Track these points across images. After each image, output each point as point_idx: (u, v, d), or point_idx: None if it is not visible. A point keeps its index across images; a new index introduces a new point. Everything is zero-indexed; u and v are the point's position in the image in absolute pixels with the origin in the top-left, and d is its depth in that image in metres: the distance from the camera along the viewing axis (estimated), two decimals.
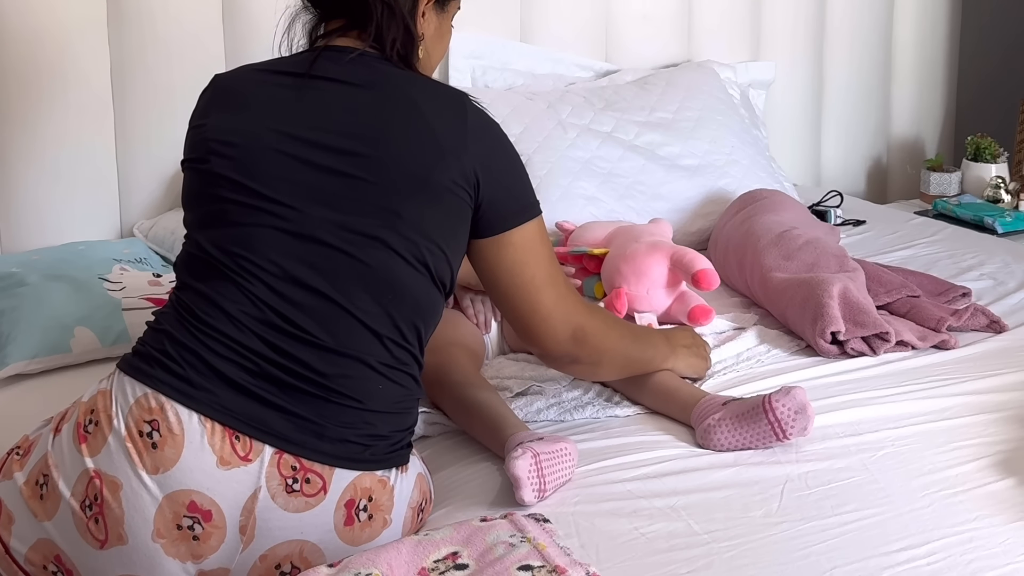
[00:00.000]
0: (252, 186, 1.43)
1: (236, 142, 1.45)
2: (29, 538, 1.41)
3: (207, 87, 1.55)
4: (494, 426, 1.68)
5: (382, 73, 1.50)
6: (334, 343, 1.41)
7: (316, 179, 1.43)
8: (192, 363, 1.38)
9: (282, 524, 1.38)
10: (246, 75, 1.55)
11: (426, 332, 1.51)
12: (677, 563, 1.40)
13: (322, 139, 1.44)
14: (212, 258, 1.42)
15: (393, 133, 1.45)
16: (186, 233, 1.50)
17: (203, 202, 1.47)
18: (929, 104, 3.76)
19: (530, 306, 1.56)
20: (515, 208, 1.53)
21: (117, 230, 2.59)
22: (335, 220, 1.42)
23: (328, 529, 1.40)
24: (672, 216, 2.64)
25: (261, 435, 1.37)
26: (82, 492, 1.37)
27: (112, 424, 1.37)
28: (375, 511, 1.43)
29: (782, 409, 1.66)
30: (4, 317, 2.05)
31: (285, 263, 1.41)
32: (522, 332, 1.61)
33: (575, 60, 3.08)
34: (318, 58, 1.49)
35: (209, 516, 1.35)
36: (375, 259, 1.42)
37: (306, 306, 1.40)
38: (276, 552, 1.39)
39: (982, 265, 2.54)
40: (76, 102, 2.47)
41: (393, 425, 1.46)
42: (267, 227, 1.42)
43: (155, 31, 2.51)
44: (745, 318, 2.21)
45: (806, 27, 3.43)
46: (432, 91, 1.51)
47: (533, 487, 1.52)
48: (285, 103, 1.47)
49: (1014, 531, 1.46)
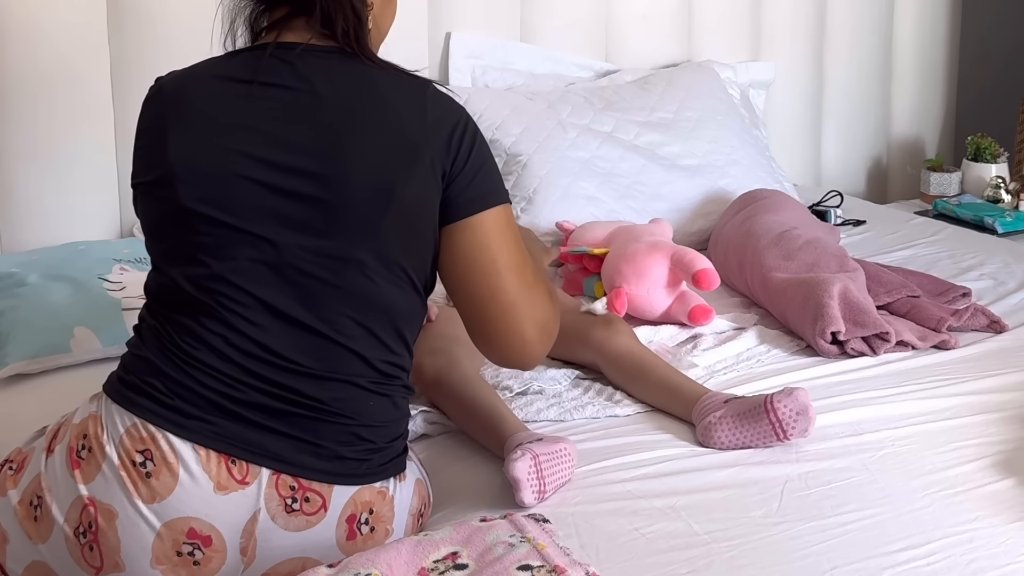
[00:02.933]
0: (225, 219, 1.36)
1: (203, 170, 1.37)
2: (24, 559, 1.39)
3: (153, 94, 1.45)
4: (493, 426, 1.68)
5: (335, 70, 1.41)
6: (321, 369, 1.37)
7: (285, 206, 1.36)
8: (180, 394, 1.35)
9: (283, 543, 1.36)
10: (196, 83, 1.43)
11: (412, 336, 1.47)
12: (677, 563, 1.39)
13: (284, 160, 1.36)
14: (189, 295, 1.37)
15: (355, 144, 1.37)
16: (153, 263, 1.43)
17: (172, 234, 1.39)
18: (929, 104, 3.76)
19: (488, 293, 1.43)
20: (481, 193, 1.43)
21: (117, 230, 2.59)
22: (309, 247, 1.36)
23: (330, 545, 1.38)
24: (672, 216, 2.64)
25: (257, 458, 1.34)
26: (76, 519, 1.34)
27: (105, 452, 1.34)
28: (376, 523, 1.41)
29: (783, 410, 1.66)
30: (4, 317, 2.05)
31: (264, 295, 1.36)
32: (479, 329, 1.47)
33: (575, 60, 3.08)
34: (270, 59, 1.40)
35: (209, 541, 1.33)
36: (354, 282, 1.38)
37: (289, 336, 1.36)
38: (278, 571, 1.37)
39: (982, 265, 2.54)
40: (76, 102, 2.47)
41: (387, 436, 1.44)
42: (243, 259, 1.36)
43: (155, 31, 2.51)
44: (745, 318, 2.21)
45: (806, 27, 3.43)
46: (391, 84, 1.42)
47: (533, 489, 1.52)
48: (242, 119, 1.38)
49: (1014, 531, 1.46)
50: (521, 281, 1.44)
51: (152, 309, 1.42)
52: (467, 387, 1.75)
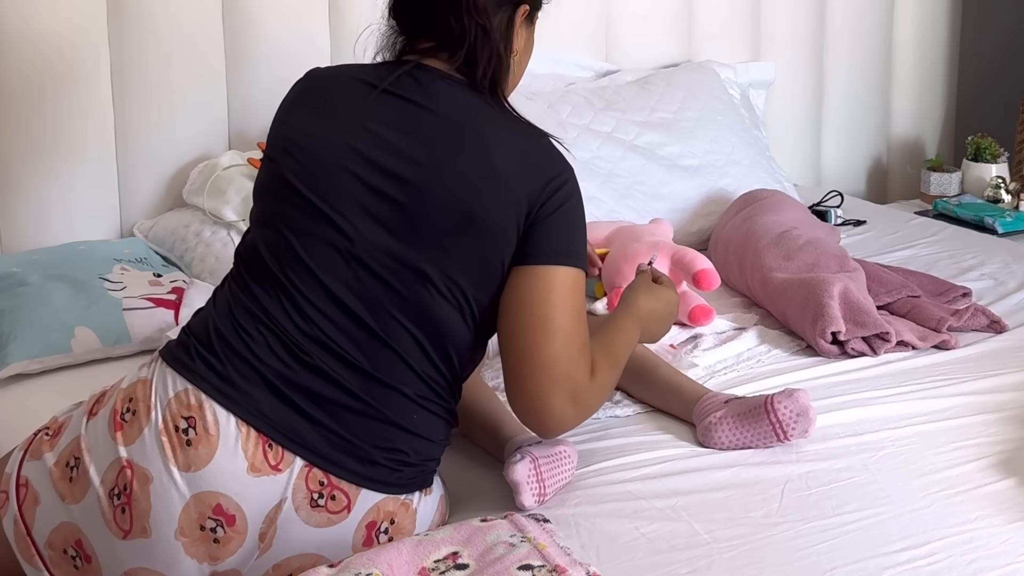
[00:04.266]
0: (312, 197, 1.42)
1: (307, 147, 1.45)
2: (53, 520, 1.41)
3: (302, 78, 1.54)
4: (492, 428, 1.68)
5: (460, 102, 1.46)
6: (371, 368, 1.40)
7: (372, 203, 1.42)
8: (235, 363, 1.38)
9: (301, 537, 1.38)
10: (334, 76, 1.53)
11: (463, 370, 1.49)
12: (677, 563, 1.40)
13: (384, 161, 1.42)
14: (265, 264, 1.43)
15: (452, 164, 1.42)
16: (250, 226, 1.50)
17: (267, 199, 1.48)
18: (929, 104, 3.76)
19: (530, 347, 1.42)
20: (557, 247, 1.44)
21: (117, 230, 2.58)
22: (385, 248, 1.41)
23: (346, 547, 1.39)
24: (672, 216, 2.64)
25: (294, 446, 1.37)
26: (112, 480, 1.37)
27: (150, 416, 1.37)
28: (396, 534, 1.42)
29: (784, 411, 1.66)
30: (4, 317, 2.04)
31: (331, 284, 1.40)
32: (510, 381, 1.46)
33: (575, 60, 3.08)
34: (405, 74, 1.46)
35: (233, 521, 1.35)
36: (417, 295, 1.41)
37: (346, 329, 1.40)
38: (290, 563, 1.39)
39: (982, 265, 2.54)
40: (76, 102, 2.46)
41: (424, 454, 1.45)
42: (320, 241, 1.41)
43: (155, 31, 2.50)
44: (745, 318, 2.21)
45: (806, 27, 3.43)
46: (507, 127, 1.47)
47: (533, 492, 1.52)
48: (359, 116, 1.45)
49: (1014, 531, 1.46)
50: (566, 346, 1.43)
51: (234, 275, 1.48)
52: (466, 389, 1.74)
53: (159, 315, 2.09)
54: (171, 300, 2.12)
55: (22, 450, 1.47)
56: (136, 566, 1.37)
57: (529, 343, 1.42)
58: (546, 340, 1.42)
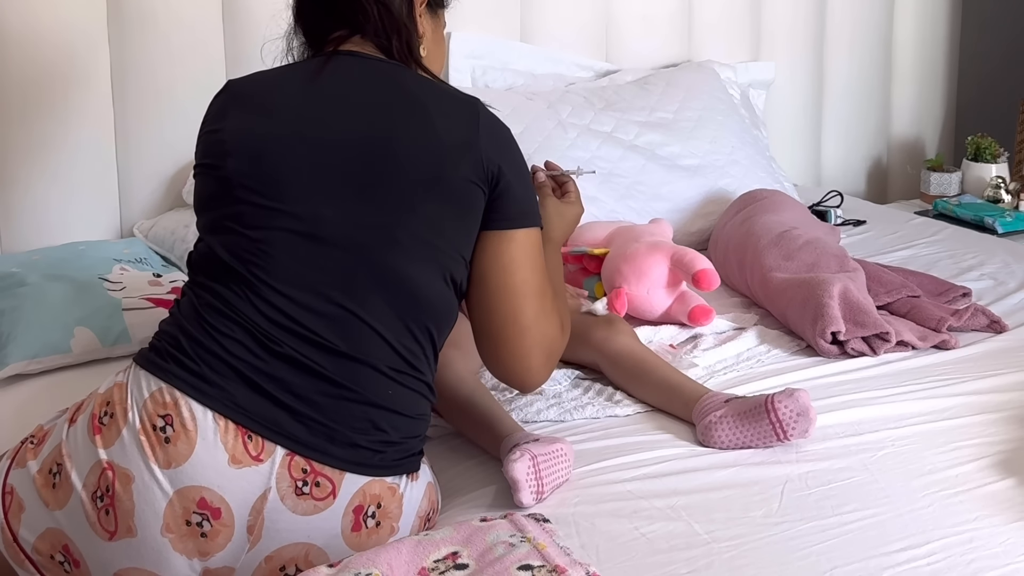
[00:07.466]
0: (266, 190, 1.43)
1: (253, 144, 1.46)
2: (38, 527, 1.42)
3: (221, 91, 1.54)
4: (488, 427, 1.68)
5: (391, 74, 1.51)
6: (346, 347, 1.41)
7: (329, 182, 1.43)
8: (207, 360, 1.39)
9: (290, 526, 1.38)
10: (260, 80, 1.55)
11: (440, 336, 1.51)
12: (677, 563, 1.40)
13: (335, 141, 1.45)
14: (224, 263, 1.43)
15: (404, 134, 1.45)
16: (199, 236, 1.50)
17: (217, 205, 1.47)
18: (929, 104, 3.76)
19: (511, 313, 1.50)
20: (526, 209, 1.52)
21: (117, 230, 2.59)
22: (353, 221, 1.42)
23: (335, 534, 1.40)
24: (672, 216, 2.64)
25: (273, 435, 1.37)
26: (94, 483, 1.37)
27: (127, 417, 1.37)
28: (383, 518, 1.43)
29: (784, 410, 1.66)
30: (4, 317, 2.05)
31: (298, 268, 1.41)
32: (489, 346, 1.53)
33: (575, 60, 3.08)
34: (329, 61, 1.51)
35: (218, 514, 1.36)
36: (388, 261, 1.43)
37: (318, 311, 1.41)
38: (282, 554, 1.39)
39: (982, 265, 2.54)
40: (76, 102, 2.47)
41: (405, 431, 1.45)
42: (281, 230, 1.42)
43: (155, 31, 2.51)
44: (745, 318, 2.21)
45: (806, 27, 3.43)
46: (443, 92, 1.53)
47: (531, 489, 1.52)
48: (299, 106, 1.48)
49: (1014, 531, 1.46)
50: (540, 307, 1.51)
51: (191, 281, 1.48)
52: (461, 388, 1.75)
53: (159, 315, 2.07)
54: (171, 300, 2.12)
55: (9, 459, 1.48)
56: (125, 567, 1.37)
57: (512, 308, 1.50)
58: (527, 304, 1.50)
